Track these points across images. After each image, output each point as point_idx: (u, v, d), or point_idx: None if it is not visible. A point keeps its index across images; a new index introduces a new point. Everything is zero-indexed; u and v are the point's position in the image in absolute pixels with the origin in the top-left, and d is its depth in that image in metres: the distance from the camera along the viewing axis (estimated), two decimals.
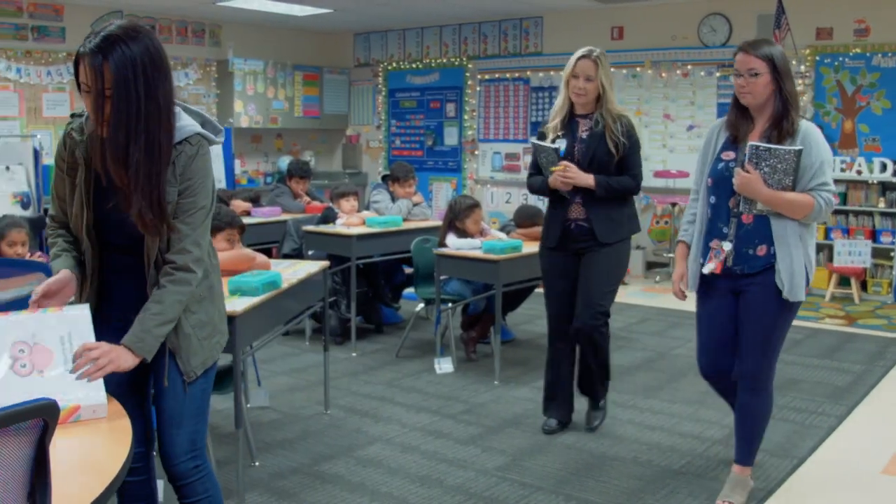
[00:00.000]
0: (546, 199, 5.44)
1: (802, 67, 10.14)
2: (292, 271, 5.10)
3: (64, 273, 2.87)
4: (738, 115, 4.21)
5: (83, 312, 2.78)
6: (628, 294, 10.05)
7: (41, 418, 1.74)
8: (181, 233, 2.88)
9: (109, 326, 2.96)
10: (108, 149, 2.75)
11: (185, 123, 2.89)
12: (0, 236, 5.19)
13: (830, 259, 9.93)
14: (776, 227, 4.05)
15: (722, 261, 4.14)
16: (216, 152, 11.30)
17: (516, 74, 12.44)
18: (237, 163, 12.89)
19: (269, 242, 8.31)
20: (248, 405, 5.62)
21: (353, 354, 7.26)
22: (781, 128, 4.03)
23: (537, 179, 5.31)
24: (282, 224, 8.35)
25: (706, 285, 4.30)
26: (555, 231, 5.24)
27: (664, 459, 5.00)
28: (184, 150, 2.87)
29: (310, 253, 7.58)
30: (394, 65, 13.81)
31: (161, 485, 3.76)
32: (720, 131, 4.32)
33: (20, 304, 3.07)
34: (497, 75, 12.65)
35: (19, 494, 1.76)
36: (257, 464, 4.91)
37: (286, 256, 7.75)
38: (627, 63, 11.34)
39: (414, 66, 13.57)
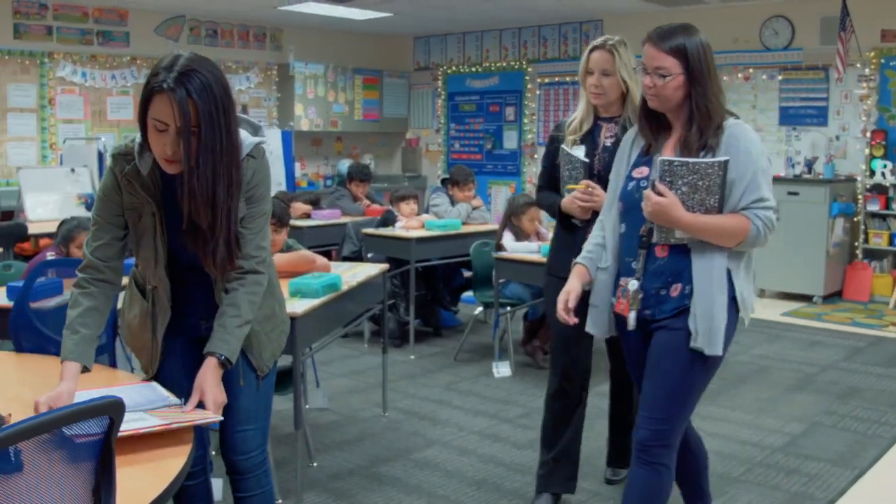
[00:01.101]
0: None
1: (867, 70, 10.02)
2: (352, 274, 5.14)
3: (67, 386, 2.66)
4: (650, 121, 3.34)
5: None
6: None
7: (108, 415, 1.78)
8: (245, 238, 2.91)
9: (182, 337, 3.05)
10: (196, 188, 2.66)
11: (243, 137, 2.85)
12: (69, 238, 5.28)
13: (895, 266, 9.83)
14: (698, 263, 3.16)
15: (627, 303, 3.26)
16: (277, 154, 11.41)
17: (576, 78, 12.36)
18: (297, 165, 12.99)
19: (329, 245, 8.37)
20: (307, 406, 5.67)
21: (412, 357, 7.30)
22: (698, 137, 3.18)
23: (548, 196, 4.39)
24: (341, 227, 8.40)
25: (621, 327, 3.39)
26: (565, 259, 3.89)
27: (724, 467, 4.97)
28: (249, 165, 2.88)
29: (369, 256, 7.63)
30: (453, 68, 13.84)
31: (219, 484, 3.82)
32: (634, 141, 3.45)
33: None
34: (556, 79, 12.64)
35: (85, 489, 1.81)
36: (315, 464, 4.96)
37: (346, 259, 7.81)
38: None
39: (473, 69, 13.60)
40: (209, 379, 2.76)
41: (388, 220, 7.88)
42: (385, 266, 5.70)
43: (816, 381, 6.71)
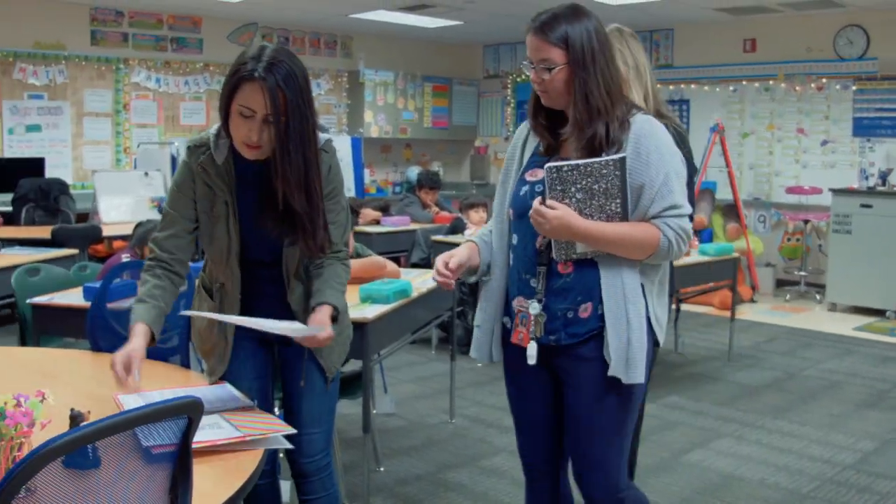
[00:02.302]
0: None
1: None
2: (422, 280, 5.15)
3: (137, 343, 2.80)
4: (544, 116, 2.91)
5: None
6: (756, 312, 9.87)
7: (186, 415, 1.81)
8: (332, 235, 2.99)
9: (250, 338, 3.09)
10: (289, 173, 2.78)
11: None
12: (144, 241, 5.34)
13: None
14: (607, 279, 2.75)
15: (528, 330, 2.84)
16: (346, 161, 11.48)
17: (670, 87, 12.29)
18: (367, 172, 13.06)
19: (398, 251, 8.41)
20: (374, 411, 5.69)
21: (479, 365, 7.29)
22: (591, 138, 2.75)
23: None
24: (411, 233, 8.44)
25: (514, 358, 2.96)
26: None
27: (792, 482, 4.90)
28: (324, 160, 2.95)
29: None
30: (523, 76, 13.81)
31: (287, 486, 3.85)
32: (528, 138, 3.02)
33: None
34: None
35: (162, 487, 1.84)
36: (382, 469, 4.98)
37: (414, 266, 7.83)
38: (760, 76, 11.17)
39: None
40: (326, 320, 2.89)
41: (458, 227, 7.90)
42: None
43: (889, 397, 6.59)
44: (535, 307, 2.81)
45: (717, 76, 11.54)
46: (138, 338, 2.80)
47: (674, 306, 7.99)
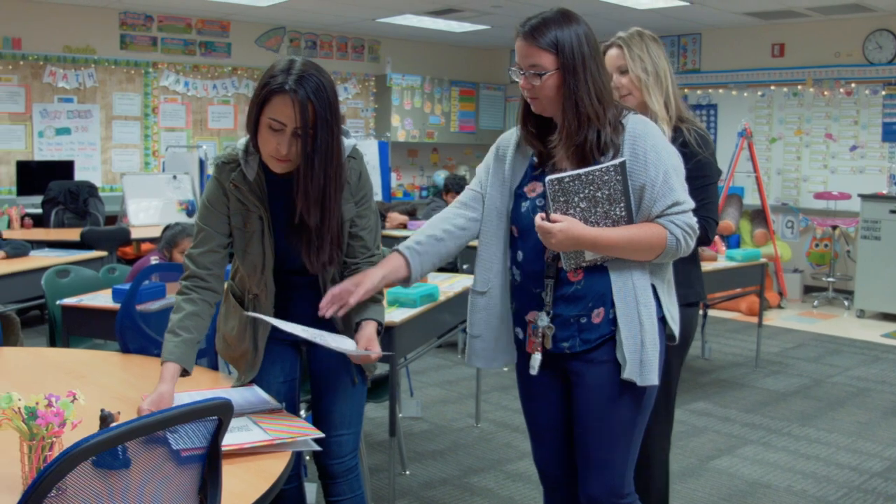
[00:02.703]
0: None
1: None
2: (449, 284, 5.16)
3: (167, 388, 2.72)
4: (535, 125, 2.87)
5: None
6: (784, 318, 9.83)
7: (216, 416, 1.82)
8: (365, 241, 3.01)
9: (280, 342, 3.11)
10: (309, 188, 2.79)
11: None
12: (173, 243, 5.38)
13: None
14: (618, 282, 2.75)
15: (540, 341, 2.81)
16: (373, 165, 11.51)
17: (699, 91, 12.28)
18: (393, 176, 13.08)
19: None
20: (400, 415, 5.70)
21: (505, 369, 7.27)
22: (581, 144, 2.71)
23: None
24: None
25: (526, 368, 2.89)
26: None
27: (819, 490, 4.88)
28: (353, 167, 2.96)
29: (464, 267, 7.64)
30: None
31: (313, 489, 3.86)
32: (516, 149, 2.96)
33: None
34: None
35: (192, 488, 1.85)
36: (408, 473, 4.99)
37: (440, 270, 7.82)
38: (788, 81, 11.12)
39: None
40: (374, 337, 2.91)
41: None
42: None
43: None
44: (543, 319, 2.79)
45: (745, 81, 11.50)
46: (167, 383, 2.73)
47: (700, 311, 7.97)
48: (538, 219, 2.68)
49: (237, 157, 2.91)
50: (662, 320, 2.82)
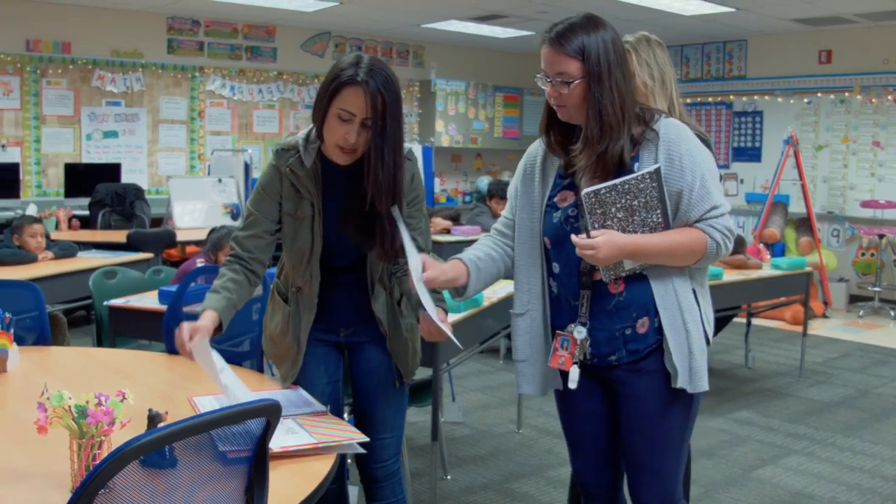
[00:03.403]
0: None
1: None
2: (492, 290, 5.16)
3: (205, 323, 2.84)
4: (558, 132, 2.84)
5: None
6: (829, 327, 9.74)
7: (265, 417, 1.84)
8: (417, 241, 3.03)
9: (322, 343, 3.15)
10: (380, 176, 2.85)
11: None
12: (218, 247, 5.43)
13: None
14: (659, 290, 2.71)
15: (571, 354, 2.76)
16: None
17: (718, 98, 12.23)
18: (437, 181, 13.11)
19: None
20: (442, 420, 5.71)
21: None
22: (602, 154, 2.65)
23: None
24: None
25: (564, 386, 2.86)
26: None
27: (863, 501, 4.83)
28: (407, 167, 3.02)
29: None
30: None
31: (354, 492, 3.88)
32: (543, 162, 2.94)
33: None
34: (699, 99, 12.48)
35: (239, 488, 1.87)
36: (449, 477, 4.99)
37: None
38: (835, 88, 11.02)
39: None
40: (445, 318, 2.87)
41: None
42: None
43: None
44: (580, 331, 2.74)
45: (792, 88, 11.41)
46: (206, 320, 2.84)
47: (744, 320, 7.93)
48: (576, 238, 2.62)
49: (296, 145, 2.99)
50: (701, 322, 2.78)
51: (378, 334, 3.11)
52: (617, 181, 2.59)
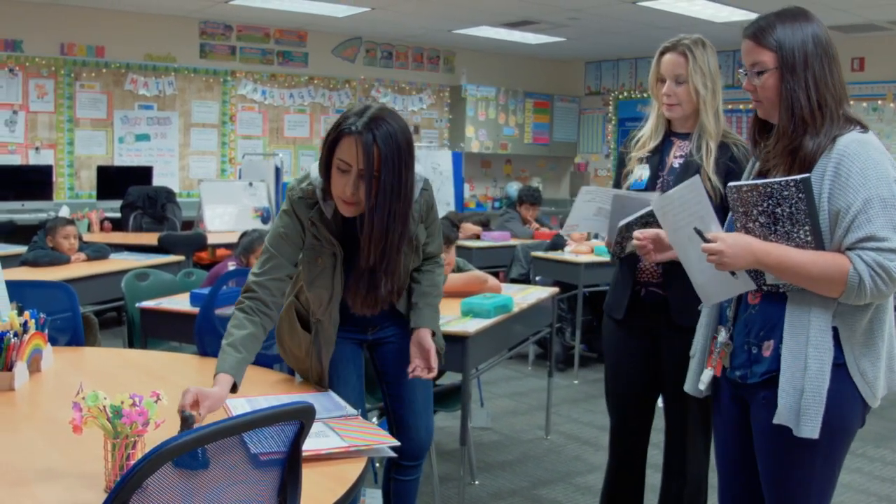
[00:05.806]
0: None
1: None
2: (522, 296, 5.16)
3: (220, 391, 2.66)
4: (763, 133, 2.69)
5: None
6: None
7: (299, 420, 1.85)
8: (432, 251, 3.19)
9: (353, 339, 3.24)
10: (371, 230, 2.83)
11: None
12: (250, 250, 5.45)
13: None
14: (792, 314, 2.45)
15: (719, 359, 2.66)
16: (447, 175, 11.55)
17: (749, 106, 12.12)
18: (466, 187, 13.12)
19: (498, 266, 8.41)
20: (470, 425, 5.70)
21: (575, 382, 7.27)
22: (794, 151, 2.48)
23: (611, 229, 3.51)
24: (510, 249, 8.46)
25: (714, 397, 2.78)
26: (621, 298, 3.61)
27: None
28: (425, 198, 3.08)
29: (537, 279, 7.64)
30: (625, 94, 13.76)
31: (378, 495, 3.88)
32: (753, 168, 2.77)
33: None
34: (730, 106, 12.41)
35: (272, 490, 1.88)
36: (477, 482, 4.99)
37: (513, 281, 7.84)
38: (868, 95, 10.96)
39: (645, 95, 13.46)
40: (430, 342, 3.11)
41: (558, 244, 7.88)
42: (555, 290, 5.70)
43: None
44: (722, 335, 2.64)
45: None
46: (221, 388, 2.68)
47: None
48: (739, 224, 2.53)
49: (314, 194, 2.97)
50: (845, 367, 2.44)
51: (404, 323, 3.22)
52: (759, 181, 2.45)
